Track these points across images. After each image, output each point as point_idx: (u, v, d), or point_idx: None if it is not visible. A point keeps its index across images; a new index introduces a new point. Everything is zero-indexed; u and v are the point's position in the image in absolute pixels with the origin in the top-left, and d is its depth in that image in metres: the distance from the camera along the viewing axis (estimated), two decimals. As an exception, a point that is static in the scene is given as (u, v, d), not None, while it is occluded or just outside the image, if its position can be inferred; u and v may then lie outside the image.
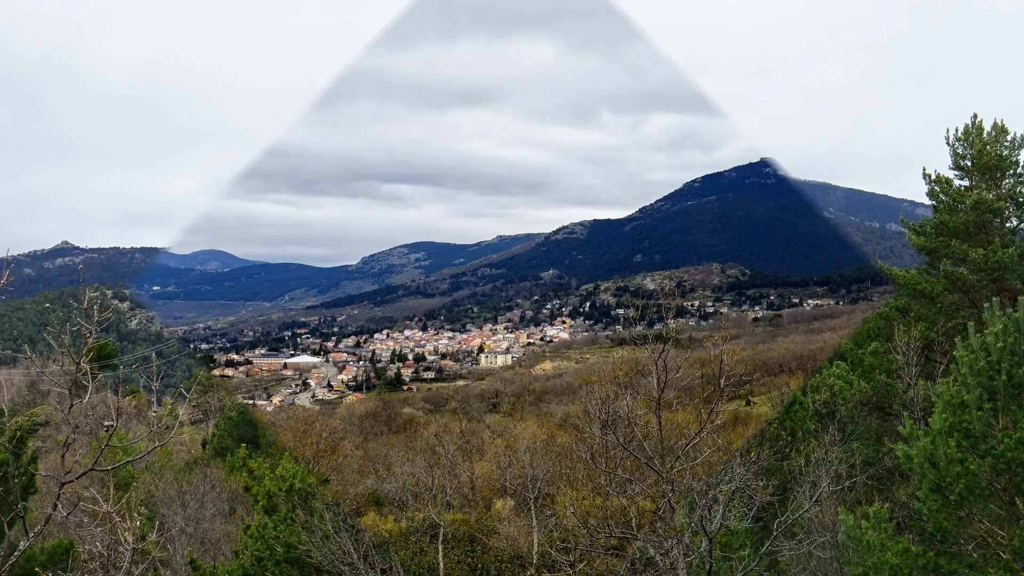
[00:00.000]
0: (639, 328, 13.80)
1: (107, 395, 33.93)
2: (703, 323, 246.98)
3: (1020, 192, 20.77)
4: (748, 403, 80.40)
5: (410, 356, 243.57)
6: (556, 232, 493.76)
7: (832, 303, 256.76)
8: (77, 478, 6.61)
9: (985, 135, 20.74)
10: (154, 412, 43.37)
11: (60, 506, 6.46)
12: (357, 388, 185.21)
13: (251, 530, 16.42)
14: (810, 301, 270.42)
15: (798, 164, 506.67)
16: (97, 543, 6.29)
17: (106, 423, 6.93)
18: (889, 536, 9.82)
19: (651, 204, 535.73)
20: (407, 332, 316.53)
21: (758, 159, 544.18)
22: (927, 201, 21.99)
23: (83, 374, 6.25)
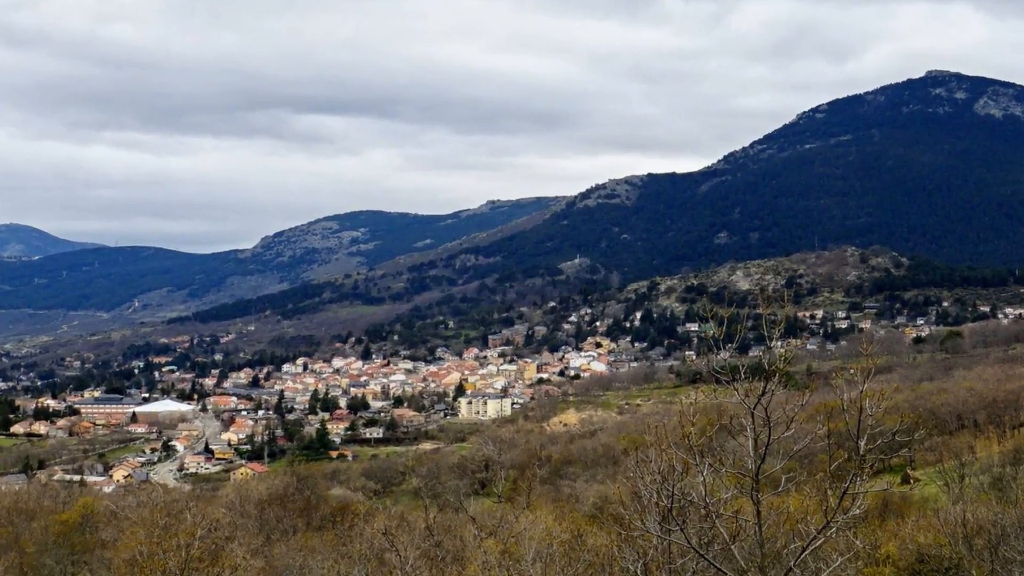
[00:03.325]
0: (724, 355, 13.84)
1: None
2: (830, 346, 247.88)
3: None
4: (906, 480, 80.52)
5: (342, 402, 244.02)
6: (586, 195, 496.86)
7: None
8: None
9: None
10: None
11: None
12: (255, 455, 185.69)
13: None
14: (1009, 310, 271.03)
15: (991, 75, 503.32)
16: None
17: None
18: None
19: (744, 149, 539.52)
20: (338, 361, 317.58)
21: (923, 73, 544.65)
22: None
23: None
